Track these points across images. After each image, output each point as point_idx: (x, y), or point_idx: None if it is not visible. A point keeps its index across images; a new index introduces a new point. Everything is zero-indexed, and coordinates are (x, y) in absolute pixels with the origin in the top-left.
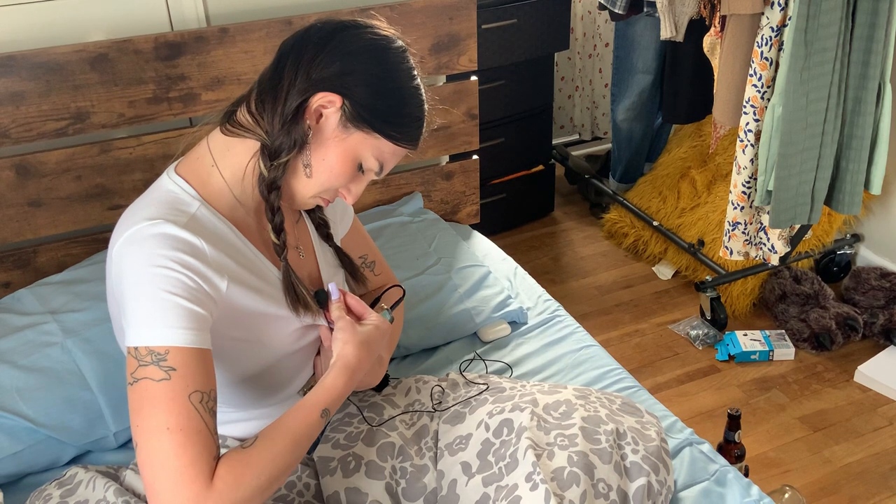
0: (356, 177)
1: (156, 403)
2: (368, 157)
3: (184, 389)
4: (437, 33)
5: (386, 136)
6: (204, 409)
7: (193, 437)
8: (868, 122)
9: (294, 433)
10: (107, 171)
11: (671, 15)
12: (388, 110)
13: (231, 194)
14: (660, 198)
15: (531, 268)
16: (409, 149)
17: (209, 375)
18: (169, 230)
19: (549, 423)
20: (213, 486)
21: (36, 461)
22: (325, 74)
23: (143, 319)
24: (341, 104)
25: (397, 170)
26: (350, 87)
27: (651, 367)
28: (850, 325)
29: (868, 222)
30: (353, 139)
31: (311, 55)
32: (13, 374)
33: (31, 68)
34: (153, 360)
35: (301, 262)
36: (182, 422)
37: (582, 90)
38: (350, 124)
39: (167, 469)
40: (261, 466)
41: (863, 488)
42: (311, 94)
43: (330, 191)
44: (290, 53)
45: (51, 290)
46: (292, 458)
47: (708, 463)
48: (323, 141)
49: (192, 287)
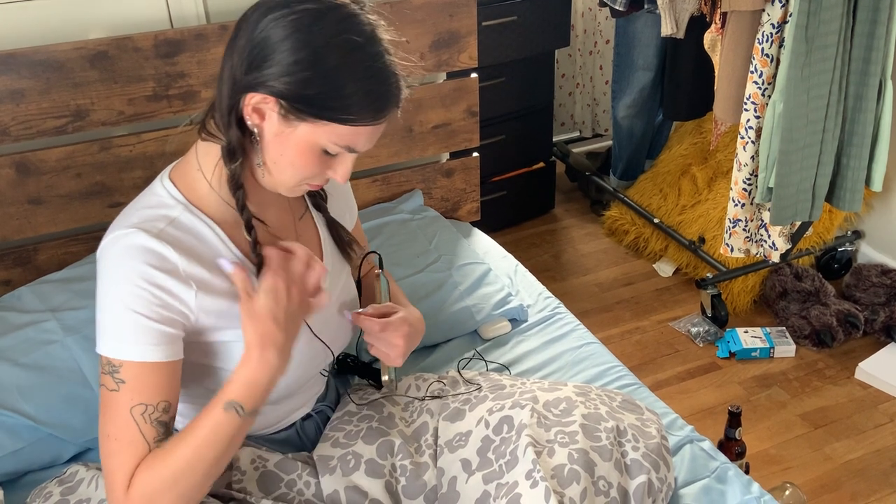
0: (330, 160)
1: (105, 410)
2: (327, 143)
3: (128, 402)
4: (437, 30)
5: (335, 121)
6: (144, 420)
7: (125, 447)
8: (869, 119)
9: (202, 432)
10: (107, 169)
11: (672, 11)
12: (324, 97)
13: (219, 197)
14: (660, 195)
15: (532, 265)
16: (374, 125)
17: (162, 387)
18: (141, 241)
19: (549, 420)
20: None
21: (36, 459)
22: (248, 75)
23: (105, 330)
24: (274, 101)
25: (397, 167)
26: (274, 83)
27: (652, 364)
28: (850, 321)
29: (869, 219)
30: (301, 131)
31: (235, 54)
32: (13, 372)
33: (31, 66)
34: (109, 370)
35: None
36: (119, 432)
37: (582, 87)
38: (292, 118)
39: (105, 470)
40: (170, 470)
41: (864, 485)
42: (239, 99)
43: (307, 179)
44: (224, 55)
45: (51, 288)
46: (201, 459)
47: (708, 460)
48: (275, 137)
49: (156, 304)
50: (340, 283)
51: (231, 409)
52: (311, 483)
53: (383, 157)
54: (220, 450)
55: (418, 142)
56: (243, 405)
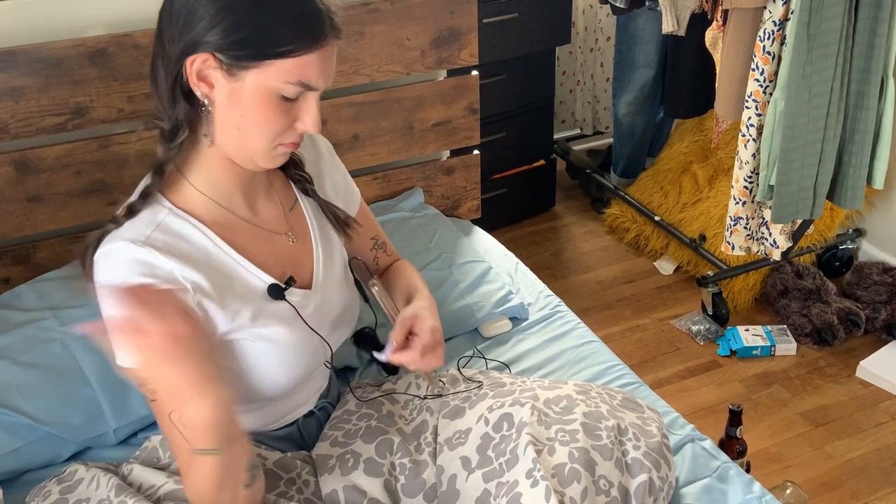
0: (294, 109)
1: (157, 416)
2: (279, 84)
3: (164, 411)
4: (437, 27)
5: (276, 56)
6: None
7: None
8: (871, 117)
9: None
10: (106, 167)
11: (673, 9)
12: (256, 34)
13: (204, 197)
14: (661, 193)
15: (532, 263)
16: (316, 49)
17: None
18: (130, 254)
19: (549, 418)
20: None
21: (36, 458)
22: (178, 41)
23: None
24: (212, 58)
25: (397, 165)
26: (207, 39)
27: (652, 362)
28: (852, 320)
29: (870, 217)
30: (249, 81)
31: (164, 37)
32: (13, 371)
33: (30, 63)
34: (140, 382)
35: (290, 248)
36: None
37: (583, 84)
38: (235, 70)
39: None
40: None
41: (865, 484)
42: (179, 70)
43: (277, 136)
44: (154, 48)
45: (50, 286)
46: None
47: (710, 459)
48: (228, 99)
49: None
50: (335, 270)
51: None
52: (311, 482)
53: (383, 154)
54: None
55: (418, 139)
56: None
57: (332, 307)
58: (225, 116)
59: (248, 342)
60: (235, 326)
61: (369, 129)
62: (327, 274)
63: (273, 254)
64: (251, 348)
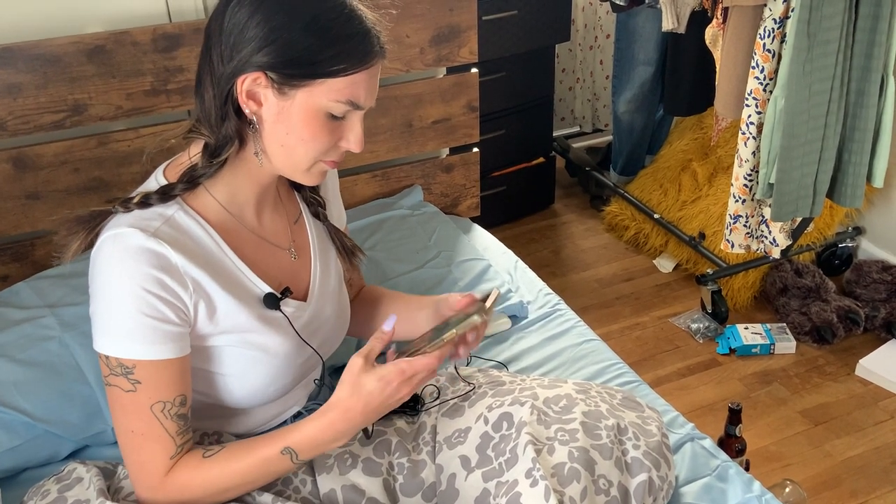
0: (339, 127)
1: (125, 410)
2: (329, 103)
3: (147, 401)
4: (437, 25)
5: (328, 76)
6: (165, 416)
7: (151, 441)
8: (871, 115)
9: (252, 459)
10: (104, 164)
11: (673, 6)
12: (308, 53)
13: (216, 202)
14: (661, 190)
15: (531, 260)
16: (367, 68)
17: (176, 383)
18: (138, 241)
19: (549, 418)
20: (164, 482)
21: (34, 456)
22: (230, 63)
23: (112, 331)
24: (264, 77)
25: (397, 162)
26: (259, 58)
27: (652, 360)
28: (851, 318)
29: (870, 215)
30: (300, 100)
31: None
32: (11, 368)
33: (29, 60)
34: (122, 371)
35: (291, 265)
36: (143, 428)
37: (583, 82)
38: (286, 89)
39: (131, 462)
40: (211, 479)
41: (864, 482)
42: (230, 89)
43: (321, 154)
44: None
45: (49, 284)
46: (243, 480)
47: (709, 458)
48: (276, 117)
49: (161, 304)
50: (330, 284)
51: (287, 454)
52: (308, 481)
53: (382, 152)
54: (259, 480)
55: (418, 137)
56: (299, 455)
57: (325, 320)
58: (270, 133)
59: (236, 349)
60: (226, 329)
61: (368, 126)
62: (323, 287)
63: (273, 266)
64: (240, 355)
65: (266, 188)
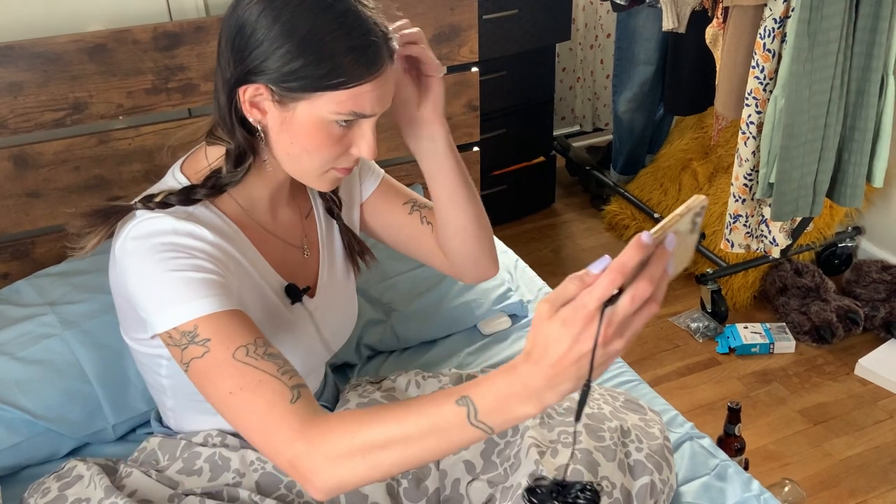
0: (348, 136)
1: (210, 377)
2: (330, 115)
3: (226, 352)
4: (437, 24)
5: (328, 89)
6: (254, 358)
7: (257, 390)
8: (871, 115)
9: (417, 405)
10: (105, 162)
11: (673, 6)
12: (308, 67)
13: (233, 200)
14: (661, 190)
15: (531, 259)
16: (368, 81)
17: (246, 329)
18: (167, 223)
19: (552, 420)
20: (303, 430)
21: (34, 453)
22: (236, 69)
23: (160, 304)
24: (265, 88)
25: (397, 161)
26: (260, 69)
27: (651, 359)
28: (850, 318)
29: (869, 215)
30: (301, 112)
31: (222, 56)
32: (11, 366)
33: (29, 58)
34: (188, 339)
35: (303, 261)
36: (240, 381)
37: (583, 81)
38: (287, 100)
39: (251, 429)
40: (363, 426)
41: (863, 482)
42: (234, 98)
43: (329, 162)
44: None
45: (49, 282)
46: (403, 432)
47: (708, 458)
48: (280, 127)
49: (197, 261)
50: (337, 276)
51: (464, 405)
52: None
53: (383, 151)
54: (425, 440)
55: None
56: (478, 410)
57: (332, 312)
58: (276, 142)
59: None
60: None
61: None
62: (330, 280)
63: (285, 261)
64: None
65: (280, 186)
